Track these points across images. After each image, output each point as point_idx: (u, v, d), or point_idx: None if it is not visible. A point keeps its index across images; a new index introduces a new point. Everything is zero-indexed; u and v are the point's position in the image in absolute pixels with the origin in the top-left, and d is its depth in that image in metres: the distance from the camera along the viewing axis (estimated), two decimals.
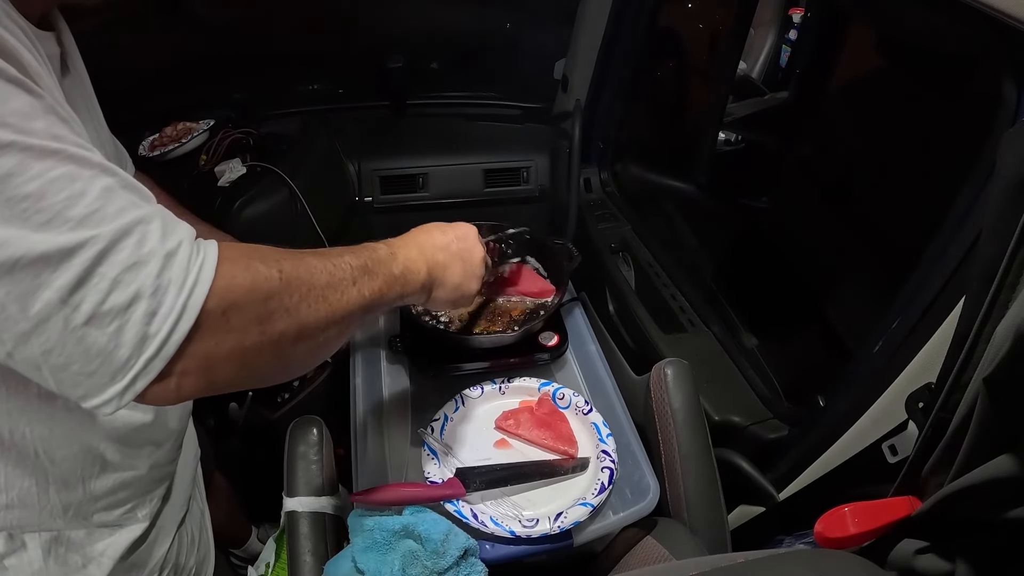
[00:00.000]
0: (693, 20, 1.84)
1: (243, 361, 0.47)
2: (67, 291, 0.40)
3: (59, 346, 0.41)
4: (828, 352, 1.34)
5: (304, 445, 0.85)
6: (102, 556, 0.69)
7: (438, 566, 0.71)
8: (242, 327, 0.46)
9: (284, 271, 0.49)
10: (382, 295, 0.60)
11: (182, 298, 0.43)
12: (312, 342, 0.52)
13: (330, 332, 0.53)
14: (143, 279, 0.42)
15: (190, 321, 0.43)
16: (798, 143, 1.70)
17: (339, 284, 0.54)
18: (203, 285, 0.44)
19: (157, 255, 0.42)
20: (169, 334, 0.43)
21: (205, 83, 1.71)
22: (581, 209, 1.59)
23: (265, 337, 0.48)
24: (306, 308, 0.50)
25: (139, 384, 0.43)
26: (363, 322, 0.60)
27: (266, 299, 0.47)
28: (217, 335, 0.45)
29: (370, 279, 0.58)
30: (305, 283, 0.51)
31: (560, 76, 1.67)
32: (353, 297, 0.55)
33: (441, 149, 1.69)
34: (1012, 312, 0.45)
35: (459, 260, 0.72)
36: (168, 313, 0.42)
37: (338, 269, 0.55)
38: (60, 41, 0.57)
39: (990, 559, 0.47)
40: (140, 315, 0.42)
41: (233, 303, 0.45)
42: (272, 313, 0.48)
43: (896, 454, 0.82)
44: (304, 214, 1.44)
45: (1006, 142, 0.54)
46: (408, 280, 0.64)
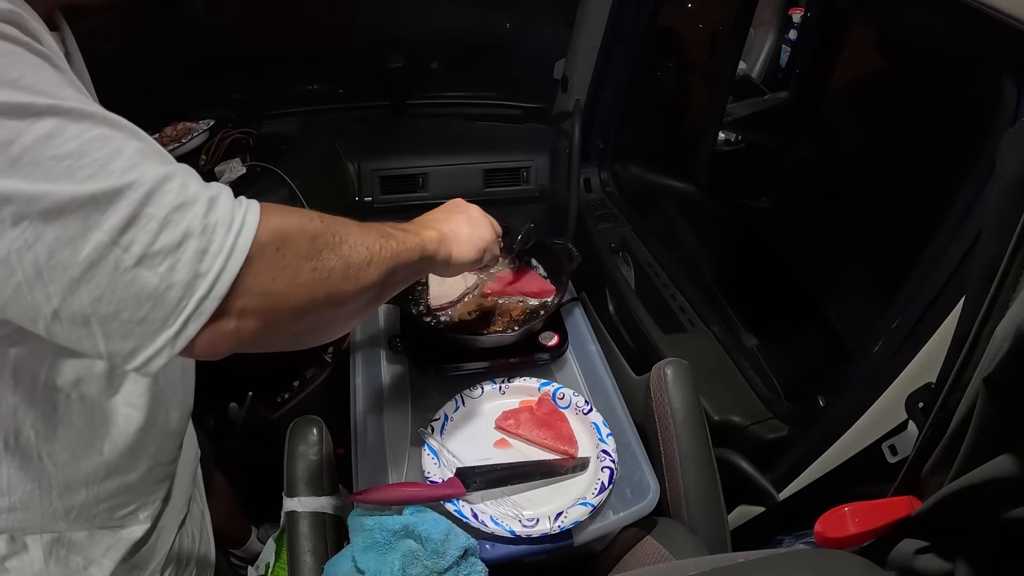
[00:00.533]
0: (693, 20, 1.84)
1: (299, 299, 0.48)
2: (117, 232, 0.40)
3: (109, 291, 0.41)
4: (828, 352, 1.34)
5: (304, 445, 0.85)
6: (103, 558, 0.69)
7: (438, 566, 0.71)
8: (296, 262, 0.48)
9: (323, 218, 0.52)
10: (408, 252, 0.63)
11: (231, 237, 0.44)
12: (358, 284, 0.54)
13: (372, 274, 0.56)
14: (191, 218, 0.42)
15: (240, 259, 0.44)
16: (798, 143, 1.70)
17: (369, 234, 0.57)
18: (250, 226, 0.45)
19: (202, 198, 0.43)
20: (221, 271, 0.43)
21: (205, 83, 1.71)
22: (581, 209, 1.59)
23: (317, 273, 0.49)
24: (347, 248, 0.53)
25: (191, 327, 0.43)
26: (391, 284, 0.62)
27: (313, 237, 0.50)
28: (273, 270, 0.46)
29: (392, 236, 0.62)
30: (342, 227, 0.54)
31: (560, 76, 1.67)
32: (384, 247, 0.58)
33: (441, 149, 1.69)
34: (1012, 312, 0.45)
35: (457, 214, 0.79)
36: (219, 251, 0.43)
37: (364, 227, 0.58)
38: (63, 42, 0.57)
39: (990, 559, 0.47)
40: (191, 253, 0.42)
41: (285, 239, 0.47)
42: (320, 250, 0.50)
43: (896, 454, 0.82)
44: None
45: (1006, 142, 0.54)
46: (424, 238, 0.69)
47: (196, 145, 1.47)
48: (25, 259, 0.39)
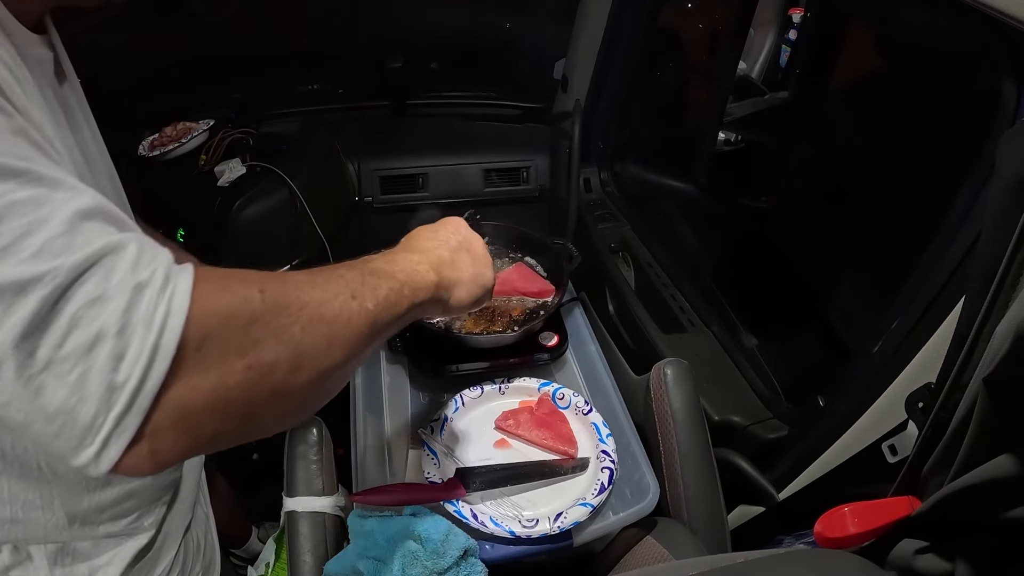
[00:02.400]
0: (693, 20, 1.85)
1: (230, 406, 0.39)
2: (20, 333, 0.33)
3: (16, 400, 0.34)
4: (828, 352, 1.34)
5: (304, 445, 0.85)
6: (108, 566, 0.69)
7: (438, 566, 0.71)
8: (221, 362, 0.38)
9: (267, 290, 0.41)
10: (390, 304, 0.51)
11: (152, 336, 0.35)
12: (315, 372, 0.43)
13: (334, 355, 0.45)
14: (107, 315, 0.35)
15: (165, 362, 0.36)
16: (798, 143, 1.70)
17: (334, 298, 0.45)
18: (177, 316, 0.36)
19: (125, 287, 0.36)
20: (141, 381, 0.35)
21: (205, 83, 1.71)
22: (581, 209, 1.59)
23: (253, 372, 0.39)
24: (299, 331, 0.42)
25: (113, 449, 0.36)
26: (375, 344, 0.51)
27: (248, 325, 0.39)
28: (192, 376, 0.37)
29: (371, 288, 0.49)
30: (295, 301, 0.42)
31: (560, 76, 1.67)
32: (354, 311, 0.46)
33: (441, 149, 1.69)
34: (1012, 312, 0.45)
35: (464, 251, 0.65)
36: (138, 355, 0.35)
37: (330, 283, 0.46)
38: (52, 45, 0.56)
39: (990, 559, 0.47)
40: (104, 359, 0.35)
41: (208, 333, 0.37)
42: (258, 342, 0.39)
43: (896, 454, 0.82)
44: (304, 214, 1.44)
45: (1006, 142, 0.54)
46: (417, 283, 0.56)
47: (196, 145, 1.48)
48: None
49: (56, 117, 0.52)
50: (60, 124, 0.52)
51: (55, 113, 0.52)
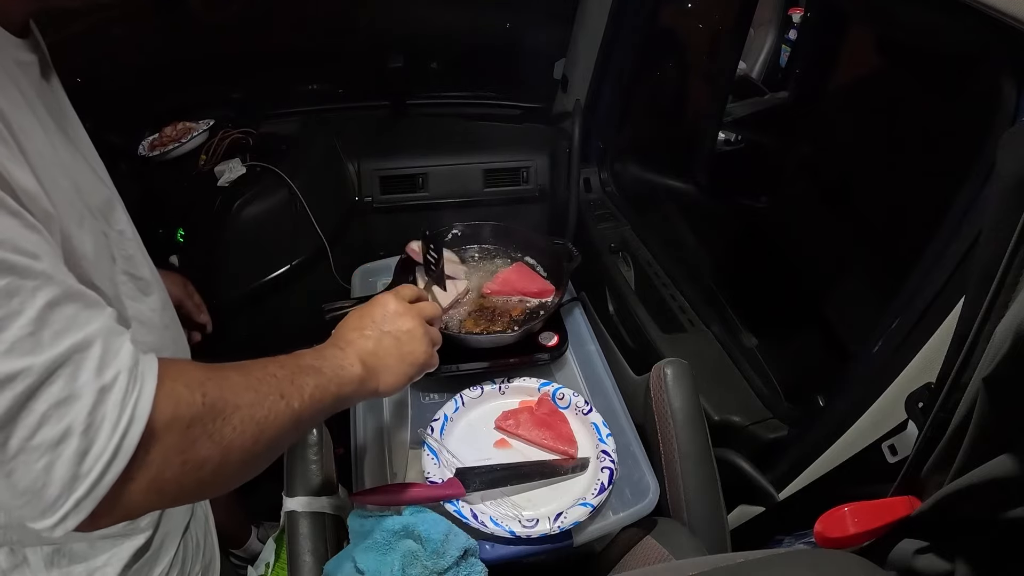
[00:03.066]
0: (693, 20, 1.84)
1: (161, 491, 0.45)
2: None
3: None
4: (828, 352, 1.34)
5: (304, 445, 0.85)
6: (106, 567, 0.69)
7: (438, 566, 0.71)
8: (162, 459, 0.43)
9: (207, 394, 0.46)
10: (315, 400, 0.56)
11: (116, 437, 0.40)
12: (236, 466, 0.49)
13: (257, 452, 0.50)
14: (75, 415, 0.39)
15: (124, 460, 0.41)
16: (798, 143, 1.70)
17: (264, 399, 0.51)
18: (139, 422, 0.41)
19: (91, 389, 0.40)
20: (102, 474, 0.40)
21: (205, 83, 1.71)
22: (581, 209, 1.59)
23: (187, 468, 0.45)
24: (230, 432, 0.47)
25: (69, 522, 0.41)
26: (297, 435, 0.56)
27: (188, 426, 0.44)
28: (136, 470, 0.42)
29: (299, 388, 0.54)
30: (230, 404, 0.47)
31: (560, 76, 1.67)
32: (281, 410, 0.52)
33: (441, 149, 1.69)
34: (1012, 312, 0.45)
35: (385, 335, 0.68)
36: (101, 453, 0.40)
37: (263, 384, 0.51)
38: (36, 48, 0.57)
39: (990, 559, 0.47)
40: (71, 453, 0.39)
41: (152, 434, 0.42)
42: (195, 441, 0.45)
43: (896, 454, 0.82)
44: (304, 214, 1.44)
45: (1005, 142, 0.54)
46: (343, 378, 0.61)
47: (196, 145, 1.48)
48: None
49: (42, 119, 0.53)
50: (47, 125, 0.54)
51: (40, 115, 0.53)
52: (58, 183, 0.51)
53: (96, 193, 0.61)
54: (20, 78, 0.51)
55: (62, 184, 0.52)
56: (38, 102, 0.53)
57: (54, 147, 0.53)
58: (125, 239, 0.67)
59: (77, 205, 0.54)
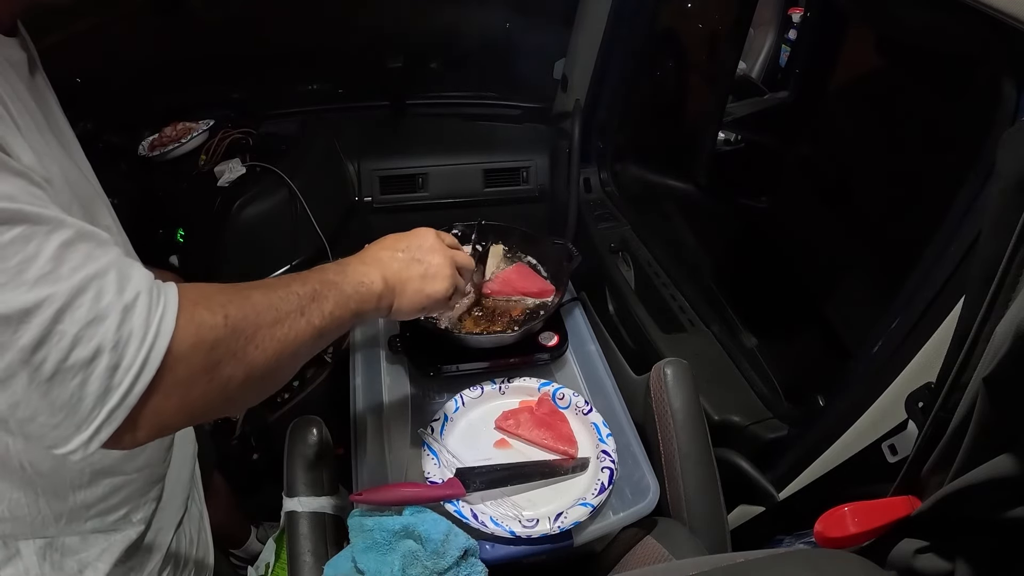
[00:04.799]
0: (693, 20, 1.85)
1: (191, 407, 0.47)
2: (29, 351, 0.40)
3: (25, 400, 0.41)
4: (828, 352, 1.34)
5: (304, 445, 0.85)
6: (98, 560, 0.69)
7: (438, 566, 0.71)
8: (189, 378, 0.46)
9: (229, 315, 0.48)
10: (334, 318, 0.58)
11: (144, 351, 0.43)
12: (261, 380, 0.52)
13: (281, 366, 0.53)
14: (103, 333, 0.42)
15: (152, 372, 0.43)
16: (798, 143, 1.70)
17: (286, 318, 0.53)
18: (164, 337, 0.44)
19: (115, 308, 0.43)
20: (132, 385, 0.43)
21: (205, 83, 1.71)
22: (581, 209, 1.59)
23: (212, 384, 0.48)
24: (253, 350, 0.50)
25: (103, 433, 0.44)
26: (318, 348, 0.59)
27: (212, 348, 0.47)
28: (165, 388, 0.45)
29: (319, 304, 0.57)
30: (252, 324, 0.50)
31: (560, 76, 1.67)
32: (302, 328, 0.54)
33: (441, 149, 1.69)
34: (1012, 312, 0.45)
35: (415, 262, 0.70)
36: (130, 366, 0.43)
37: (284, 302, 0.54)
38: (25, 46, 0.57)
39: (990, 559, 0.47)
40: (103, 369, 0.42)
41: (178, 357, 0.45)
42: (219, 361, 0.48)
43: (896, 454, 0.82)
44: (304, 214, 1.44)
45: (1005, 142, 0.54)
46: (363, 295, 0.63)
47: (196, 145, 1.48)
48: None
49: (33, 115, 0.54)
50: (38, 120, 0.55)
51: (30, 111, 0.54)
52: (51, 170, 0.52)
53: (82, 189, 0.61)
54: (11, 76, 0.52)
55: (54, 172, 0.52)
56: (28, 99, 0.54)
57: (45, 142, 0.54)
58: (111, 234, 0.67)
59: (67, 193, 0.55)
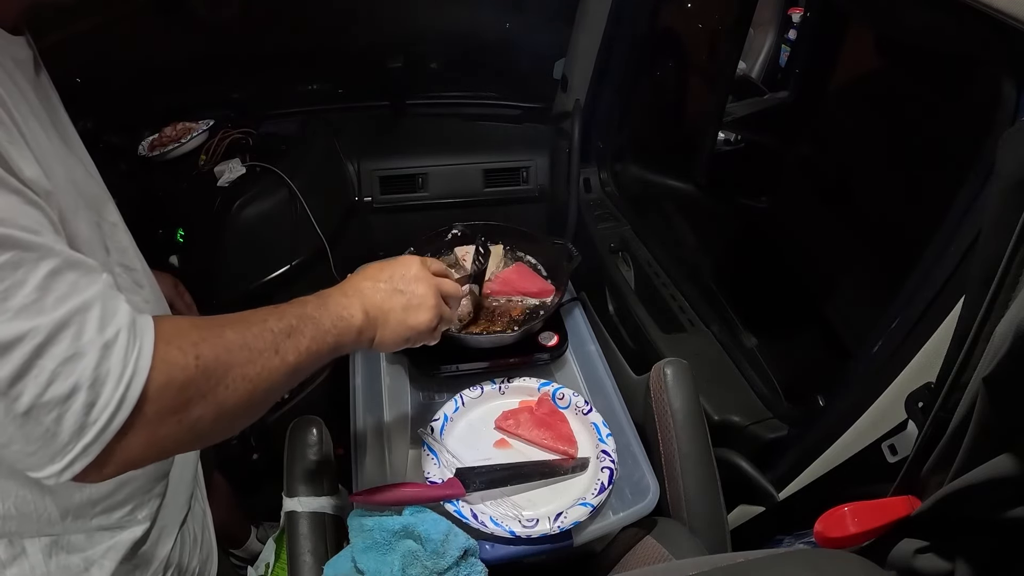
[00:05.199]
0: (693, 20, 1.84)
1: (159, 445, 0.48)
2: (6, 383, 0.40)
3: (1, 430, 0.42)
4: (828, 352, 1.34)
5: (304, 445, 0.85)
6: (103, 558, 0.69)
7: (438, 566, 0.71)
8: (157, 418, 0.46)
9: (201, 356, 0.48)
10: (311, 353, 0.57)
11: (120, 390, 0.43)
12: (231, 418, 0.52)
13: (252, 403, 0.53)
14: (81, 371, 0.42)
15: (128, 411, 0.44)
16: (798, 143, 1.70)
17: (259, 357, 0.52)
18: (141, 375, 0.45)
19: (95, 346, 0.43)
20: (108, 423, 0.43)
21: (205, 83, 1.71)
22: (581, 209, 1.58)
23: (182, 424, 0.48)
24: (223, 391, 0.50)
25: (76, 466, 0.44)
26: (293, 383, 0.58)
27: (181, 389, 0.47)
28: (134, 426, 0.45)
29: (295, 341, 0.56)
30: (223, 364, 0.49)
31: (560, 76, 1.67)
32: (276, 366, 0.54)
33: (441, 149, 1.69)
34: (1012, 312, 0.45)
35: (397, 293, 0.68)
36: (107, 404, 0.43)
37: (259, 340, 0.53)
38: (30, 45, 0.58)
39: (990, 559, 0.47)
40: (79, 406, 0.42)
41: (149, 396, 0.45)
42: (189, 400, 0.48)
43: (896, 454, 0.82)
44: (304, 214, 1.44)
45: (1005, 142, 0.54)
46: (342, 329, 0.61)
47: (196, 145, 1.48)
48: None
49: (37, 114, 0.54)
50: (42, 121, 0.55)
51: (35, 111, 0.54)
52: (55, 171, 0.52)
53: (88, 186, 0.61)
54: (17, 75, 0.52)
55: (58, 173, 0.53)
56: (34, 99, 0.54)
57: (49, 141, 0.54)
58: (118, 231, 0.67)
59: (72, 194, 0.55)
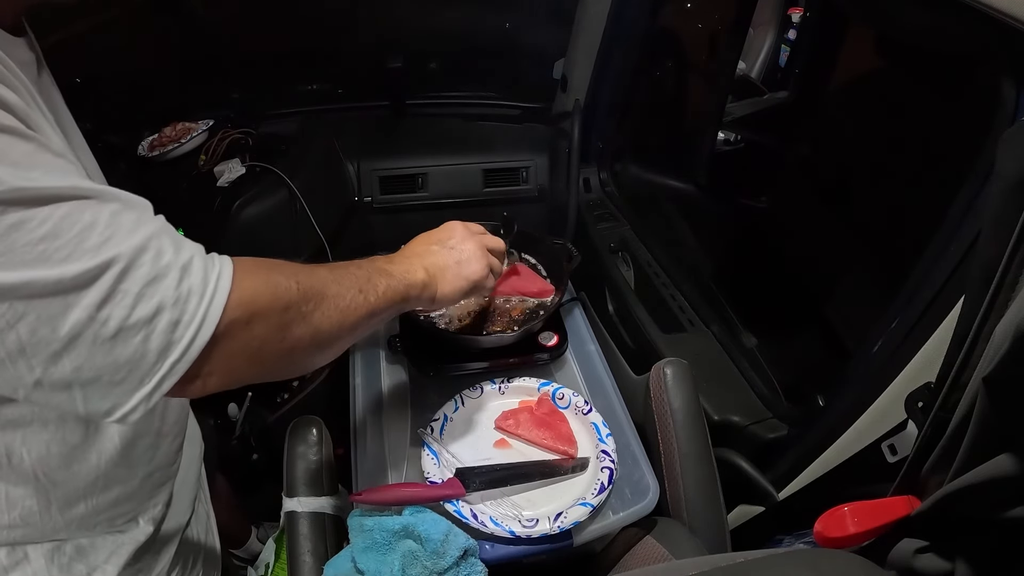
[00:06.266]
0: (692, 20, 1.85)
1: (262, 362, 0.51)
2: (94, 308, 0.42)
3: (89, 361, 0.43)
4: (828, 352, 1.34)
5: (304, 445, 0.85)
6: (107, 563, 0.69)
7: (438, 566, 0.71)
8: (264, 334, 0.50)
9: (301, 282, 0.53)
10: (387, 299, 0.64)
11: (203, 307, 0.46)
12: (324, 345, 0.57)
13: (341, 335, 0.58)
14: (164, 291, 0.44)
15: (211, 328, 0.46)
16: (797, 143, 1.70)
17: (347, 292, 0.59)
18: (222, 294, 0.47)
19: (174, 267, 0.45)
20: (192, 340, 0.45)
21: (205, 83, 1.71)
22: (580, 209, 1.59)
23: (284, 343, 0.52)
24: (320, 316, 0.55)
25: (165, 385, 0.46)
26: (370, 326, 0.64)
27: (286, 308, 0.51)
28: (241, 340, 0.49)
29: (374, 286, 0.63)
30: (318, 293, 0.55)
31: (559, 76, 1.67)
32: (361, 303, 0.60)
33: (440, 149, 1.69)
34: (1011, 311, 0.45)
35: (449, 250, 0.76)
36: (190, 321, 0.45)
37: (345, 279, 0.60)
38: (32, 46, 0.57)
39: (990, 559, 0.47)
40: (164, 324, 0.44)
41: (257, 312, 0.49)
42: (292, 321, 0.52)
43: (895, 453, 0.82)
44: (304, 214, 1.44)
45: (1005, 142, 0.54)
46: (409, 281, 0.69)
47: (196, 145, 1.48)
48: (7, 338, 0.41)
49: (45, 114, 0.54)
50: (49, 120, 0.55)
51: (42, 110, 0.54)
52: None
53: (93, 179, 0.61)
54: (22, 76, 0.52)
55: None
56: (39, 100, 0.54)
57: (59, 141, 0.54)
58: None
59: None
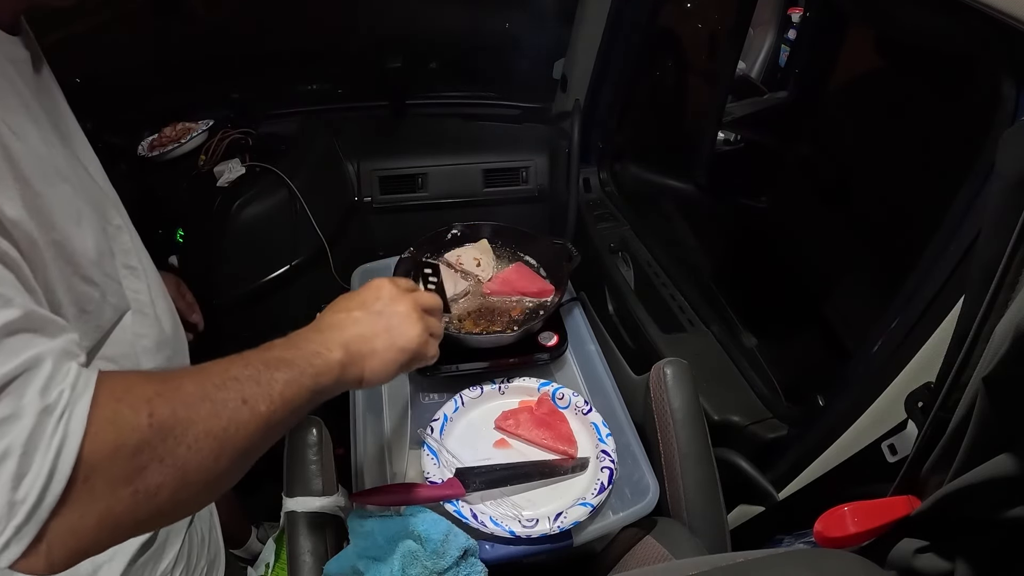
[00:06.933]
0: (692, 20, 1.85)
1: (115, 526, 0.41)
2: None
3: None
4: (828, 352, 1.34)
5: (304, 445, 0.85)
6: (111, 561, 0.69)
7: (438, 566, 0.71)
8: (110, 490, 0.40)
9: (155, 413, 0.42)
10: (286, 401, 0.50)
11: (49, 457, 0.38)
12: (199, 487, 0.45)
13: (222, 467, 0.45)
14: (14, 436, 0.37)
15: (60, 485, 0.38)
16: (797, 143, 1.70)
17: (224, 409, 0.45)
18: (72, 440, 0.39)
19: (33, 409, 0.38)
20: (40, 499, 0.38)
21: (205, 83, 1.71)
22: (580, 209, 1.59)
23: (138, 496, 0.41)
24: (185, 452, 0.43)
25: (12, 551, 0.38)
26: (272, 439, 0.50)
27: (135, 453, 0.40)
28: (82, 504, 0.39)
29: (266, 387, 0.48)
30: (181, 421, 0.43)
31: (559, 76, 1.67)
32: (245, 419, 0.46)
33: (440, 149, 1.69)
34: (1011, 311, 0.45)
35: (376, 316, 0.62)
36: (36, 475, 0.38)
37: (222, 390, 0.46)
38: (29, 44, 0.57)
39: (990, 559, 0.47)
40: (7, 478, 0.37)
41: (94, 467, 0.39)
42: (144, 467, 0.41)
43: (895, 453, 0.82)
44: (303, 214, 1.45)
45: (1005, 142, 0.54)
46: (319, 368, 0.54)
47: (195, 145, 1.48)
48: None
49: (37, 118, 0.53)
50: (41, 124, 0.54)
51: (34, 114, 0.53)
52: (53, 183, 0.51)
53: (90, 190, 0.61)
54: (15, 77, 0.52)
55: (57, 184, 0.52)
56: (33, 100, 0.54)
57: (49, 146, 0.54)
58: (122, 233, 0.67)
59: (75, 203, 0.55)
